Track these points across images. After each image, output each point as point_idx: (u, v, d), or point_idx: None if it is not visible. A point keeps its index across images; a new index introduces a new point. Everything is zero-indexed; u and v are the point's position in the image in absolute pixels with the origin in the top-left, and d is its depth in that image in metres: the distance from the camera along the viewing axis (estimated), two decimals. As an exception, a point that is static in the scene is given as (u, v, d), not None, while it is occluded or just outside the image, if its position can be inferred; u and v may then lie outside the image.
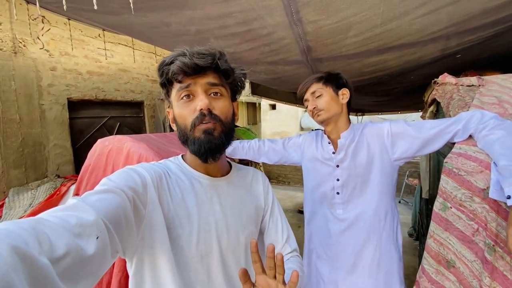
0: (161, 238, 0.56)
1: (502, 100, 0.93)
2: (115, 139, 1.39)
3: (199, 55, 0.58)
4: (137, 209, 0.52)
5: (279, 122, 10.20)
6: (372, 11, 1.18)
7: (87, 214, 0.41)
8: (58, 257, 0.33)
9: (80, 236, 0.38)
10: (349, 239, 1.13)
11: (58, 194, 2.04)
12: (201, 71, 0.60)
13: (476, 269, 0.65)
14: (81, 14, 1.69)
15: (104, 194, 0.47)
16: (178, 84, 0.61)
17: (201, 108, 0.59)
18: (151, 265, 0.57)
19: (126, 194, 0.50)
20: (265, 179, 0.81)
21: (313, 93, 1.15)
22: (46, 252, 0.32)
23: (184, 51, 0.59)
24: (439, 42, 1.39)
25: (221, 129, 0.62)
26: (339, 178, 1.14)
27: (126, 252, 0.50)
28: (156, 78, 4.07)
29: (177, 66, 0.58)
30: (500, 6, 1.07)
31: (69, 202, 0.43)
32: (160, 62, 0.63)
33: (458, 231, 0.70)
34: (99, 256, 0.39)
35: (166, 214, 0.58)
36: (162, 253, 0.56)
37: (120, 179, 0.53)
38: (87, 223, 0.39)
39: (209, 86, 0.62)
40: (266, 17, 1.30)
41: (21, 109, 2.65)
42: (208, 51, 0.60)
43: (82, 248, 0.37)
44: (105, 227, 0.42)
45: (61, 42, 2.94)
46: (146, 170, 0.59)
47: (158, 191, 0.58)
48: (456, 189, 0.74)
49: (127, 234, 0.48)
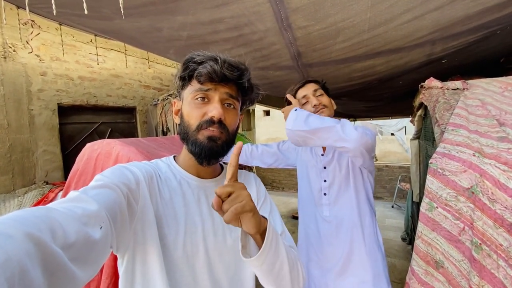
0: (151, 234, 0.57)
1: (486, 102, 0.96)
2: (104, 143, 1.37)
3: (229, 67, 0.60)
4: (130, 205, 0.53)
5: (273, 128, 10.25)
6: (359, 17, 1.21)
7: (90, 205, 0.43)
8: (70, 243, 0.35)
9: (87, 224, 0.40)
10: (337, 241, 1.14)
11: (45, 200, 1.99)
12: (225, 81, 0.61)
13: (464, 268, 0.66)
14: (72, 19, 1.69)
15: (101, 189, 0.49)
16: (199, 84, 0.62)
17: (213, 116, 0.60)
18: (142, 261, 0.57)
19: (120, 189, 0.51)
20: (257, 179, 0.81)
21: (316, 91, 1.19)
22: (59, 238, 0.34)
23: (216, 57, 0.60)
24: (424, 47, 1.43)
25: (225, 139, 0.63)
26: (326, 179, 1.17)
27: (119, 247, 0.52)
28: (148, 84, 4.06)
29: (206, 70, 0.59)
30: (482, 11, 1.11)
31: (71, 195, 0.45)
32: (188, 57, 0.63)
33: (445, 231, 0.71)
34: (102, 244, 0.42)
35: (155, 212, 0.58)
36: (153, 249, 0.56)
37: (114, 175, 0.54)
38: (91, 213, 0.42)
39: (227, 96, 0.63)
40: (257, 23, 1.32)
41: (10, 115, 2.60)
42: (237, 65, 0.62)
43: (90, 235, 0.39)
44: (107, 218, 0.44)
45: (52, 47, 2.92)
46: (138, 168, 0.61)
47: (149, 189, 0.59)
48: (441, 189, 0.75)
49: (121, 229, 0.50)
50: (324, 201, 1.17)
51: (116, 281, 1.12)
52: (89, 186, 0.49)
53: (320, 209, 1.19)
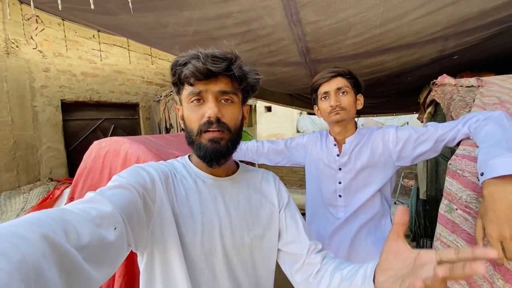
0: (170, 233, 0.57)
1: (503, 100, 0.93)
2: (112, 141, 1.36)
3: (213, 59, 0.57)
4: (147, 205, 0.54)
5: (275, 124, 10.21)
6: (372, 12, 1.18)
7: (105, 206, 0.43)
8: (83, 245, 0.35)
9: (101, 226, 0.40)
10: (351, 243, 1.12)
11: (51, 197, 1.99)
12: (214, 76, 0.58)
13: (486, 271, 0.65)
14: (76, 15, 1.66)
15: (117, 189, 0.49)
16: (190, 87, 0.60)
17: (209, 116, 0.58)
18: (162, 260, 0.58)
19: (136, 190, 0.51)
20: (276, 177, 0.79)
21: (340, 89, 1.08)
22: (73, 240, 0.34)
23: (198, 53, 0.57)
24: (437, 43, 1.40)
25: (228, 137, 0.61)
26: (341, 181, 1.13)
27: (137, 246, 0.52)
28: (151, 79, 4.03)
29: (189, 70, 0.56)
30: (499, 7, 1.08)
31: (87, 195, 0.46)
32: (173, 61, 0.61)
33: (465, 233, 0.69)
34: (117, 245, 0.42)
35: (172, 212, 0.58)
36: (172, 248, 0.57)
37: (130, 176, 0.54)
38: (105, 214, 0.42)
39: (220, 94, 0.60)
40: (266, 18, 1.29)
41: (13, 111, 2.58)
42: (222, 55, 0.58)
43: (104, 236, 0.39)
44: (121, 219, 0.44)
45: (54, 43, 2.89)
46: (154, 169, 0.61)
47: (165, 188, 0.59)
48: (461, 191, 0.73)
49: (138, 228, 0.50)
50: (339, 203, 1.14)
51: (128, 279, 1.11)
52: (106, 187, 0.50)
53: (335, 210, 1.16)
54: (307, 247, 0.69)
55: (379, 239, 1.12)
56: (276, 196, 0.75)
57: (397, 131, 1.06)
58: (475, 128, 0.79)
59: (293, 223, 0.73)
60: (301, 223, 0.74)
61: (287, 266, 0.72)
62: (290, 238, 0.72)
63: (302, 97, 3.61)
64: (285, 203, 0.75)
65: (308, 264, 0.68)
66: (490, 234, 0.57)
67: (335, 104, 1.07)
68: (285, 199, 0.76)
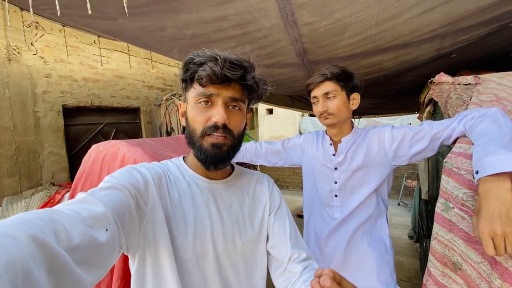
0: (162, 236, 0.56)
1: (500, 97, 0.93)
2: (110, 144, 1.36)
3: (230, 66, 0.56)
4: (139, 206, 0.53)
5: (277, 127, 10.20)
6: (367, 12, 1.18)
7: (97, 207, 0.43)
8: (74, 246, 0.35)
9: (92, 227, 0.39)
10: (347, 243, 1.12)
11: (52, 202, 2.00)
12: (227, 81, 0.58)
13: (484, 270, 0.63)
14: (75, 20, 1.68)
15: (109, 190, 0.48)
16: (201, 88, 0.59)
17: (216, 121, 0.58)
18: (153, 262, 0.57)
19: (129, 191, 0.51)
20: (270, 180, 0.79)
21: (326, 94, 1.07)
22: (64, 240, 0.34)
23: (215, 56, 0.57)
24: (434, 42, 1.39)
25: (230, 144, 0.61)
26: (337, 180, 1.13)
27: (129, 248, 0.51)
28: (152, 84, 4.06)
29: (206, 72, 0.55)
30: (495, 4, 1.08)
31: (78, 196, 0.45)
32: (188, 58, 0.59)
33: (463, 232, 0.68)
34: (109, 247, 0.41)
35: (165, 214, 0.58)
36: (164, 250, 0.56)
37: (123, 176, 0.54)
38: (97, 215, 0.41)
39: (230, 100, 0.60)
40: (262, 20, 1.30)
41: (15, 117, 2.61)
42: (239, 62, 0.58)
43: (95, 237, 0.39)
44: (113, 220, 0.44)
45: (56, 49, 2.93)
46: (147, 169, 0.60)
47: (158, 190, 0.58)
48: (457, 189, 0.72)
49: (130, 229, 0.49)
50: (335, 203, 1.14)
51: (126, 282, 1.11)
52: (97, 188, 0.49)
53: (330, 210, 1.16)
54: (288, 255, 0.69)
55: (374, 239, 1.12)
56: (268, 199, 0.74)
57: (392, 130, 1.06)
58: (470, 125, 0.78)
59: (280, 228, 0.72)
60: (289, 230, 0.73)
61: (272, 270, 0.73)
62: (275, 243, 0.72)
63: (302, 98, 3.61)
64: (276, 206, 0.75)
65: (289, 272, 0.68)
66: (481, 230, 0.56)
67: (322, 110, 1.08)
68: (276, 202, 0.75)
